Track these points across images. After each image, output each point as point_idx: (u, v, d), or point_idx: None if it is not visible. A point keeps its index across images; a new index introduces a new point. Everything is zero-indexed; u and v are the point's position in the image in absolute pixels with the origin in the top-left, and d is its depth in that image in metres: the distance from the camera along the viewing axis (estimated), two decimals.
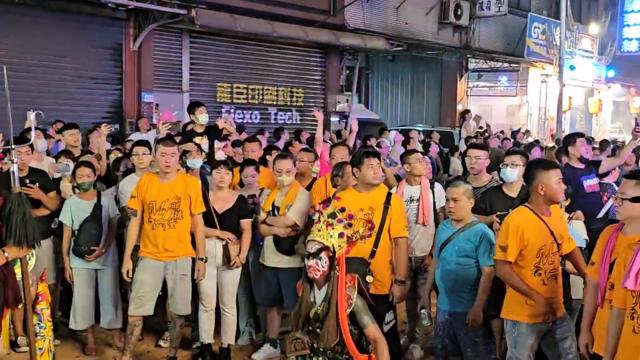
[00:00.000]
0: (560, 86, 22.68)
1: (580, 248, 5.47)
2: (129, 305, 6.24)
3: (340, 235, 4.33)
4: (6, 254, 3.74)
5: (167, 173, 6.10)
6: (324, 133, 13.56)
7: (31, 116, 8.09)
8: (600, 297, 4.23)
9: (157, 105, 15.71)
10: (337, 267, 4.32)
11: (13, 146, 4.12)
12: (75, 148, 8.09)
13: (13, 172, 4.04)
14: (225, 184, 6.57)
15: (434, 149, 13.51)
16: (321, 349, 4.35)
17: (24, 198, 3.84)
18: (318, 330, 4.31)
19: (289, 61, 19.40)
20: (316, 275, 4.29)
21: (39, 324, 4.10)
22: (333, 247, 4.29)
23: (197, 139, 8.12)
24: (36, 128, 8.09)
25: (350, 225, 4.46)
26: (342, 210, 4.42)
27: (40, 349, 4.07)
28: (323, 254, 4.27)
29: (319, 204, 4.62)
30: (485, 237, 5.35)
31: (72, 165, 7.30)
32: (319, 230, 4.33)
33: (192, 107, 8.76)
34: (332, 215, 4.37)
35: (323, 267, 4.27)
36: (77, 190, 6.98)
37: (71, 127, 8.38)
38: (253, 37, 17.65)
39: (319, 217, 4.38)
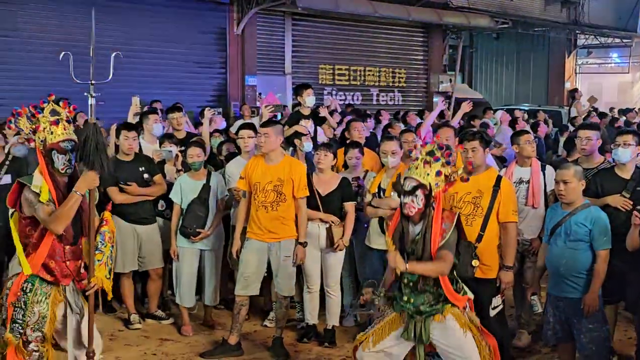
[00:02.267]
0: None
1: None
2: (236, 285, 6.36)
3: (438, 173, 4.43)
4: (78, 193, 4.28)
5: (270, 155, 6.16)
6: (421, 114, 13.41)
7: (136, 101, 8.41)
8: None
9: (259, 93, 15.91)
10: (433, 204, 4.46)
11: (93, 81, 4.49)
12: (179, 131, 8.24)
13: (91, 105, 4.45)
14: (323, 166, 6.57)
15: (543, 129, 13.08)
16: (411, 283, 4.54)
17: (99, 128, 4.36)
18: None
19: (390, 41, 19.25)
20: (411, 212, 4.45)
21: (101, 241, 4.54)
22: (430, 186, 4.42)
23: (303, 122, 8.14)
24: (152, 111, 8.39)
25: (448, 163, 4.52)
26: (441, 147, 4.50)
27: (99, 260, 4.53)
28: (419, 192, 4.42)
29: (420, 144, 4.68)
30: (598, 220, 5.14)
31: (174, 150, 7.47)
32: (416, 168, 4.47)
33: (300, 89, 8.74)
34: (431, 153, 4.47)
35: (418, 204, 4.43)
36: (181, 173, 7.15)
37: (175, 110, 8.52)
38: (354, 18, 17.60)
39: (416, 154, 4.52)
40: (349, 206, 6.56)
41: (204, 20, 15.54)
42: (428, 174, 4.42)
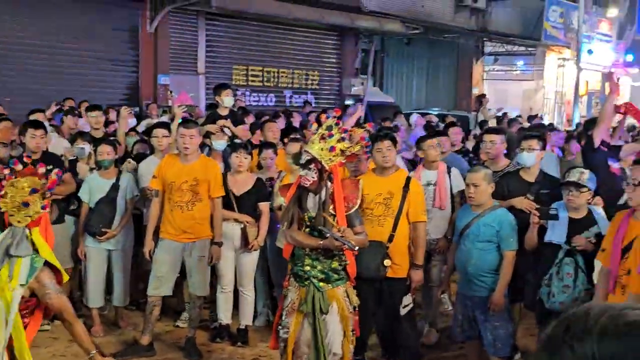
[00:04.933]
0: (577, 70, 22.52)
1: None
2: (148, 286, 6.30)
3: (331, 149, 4.55)
4: None
5: (187, 155, 6.12)
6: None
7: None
8: (612, 283, 4.24)
9: (170, 92, 15.71)
10: (327, 178, 4.61)
11: None
12: (97, 130, 8.12)
13: None
14: (244, 168, 6.60)
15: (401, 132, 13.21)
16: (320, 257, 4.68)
17: None
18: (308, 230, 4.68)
19: (304, 44, 19.37)
20: (306, 183, 4.58)
21: None
22: (322, 160, 4.55)
23: (220, 122, 8.14)
24: (61, 109, 8.24)
25: (343, 139, 4.65)
26: (338, 124, 4.65)
27: None
28: (312, 166, 4.56)
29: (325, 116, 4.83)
30: (506, 222, 5.34)
31: (87, 148, 7.34)
32: (313, 143, 4.60)
33: (219, 88, 8.70)
34: (329, 128, 4.60)
35: (313, 177, 4.56)
36: (94, 171, 7.04)
37: (95, 109, 8.39)
38: (269, 20, 17.62)
39: (317, 127, 4.65)
40: (264, 207, 6.60)
41: (116, 17, 15.27)
42: (322, 149, 4.55)
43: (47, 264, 3.79)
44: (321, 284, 4.69)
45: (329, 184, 4.63)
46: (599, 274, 4.61)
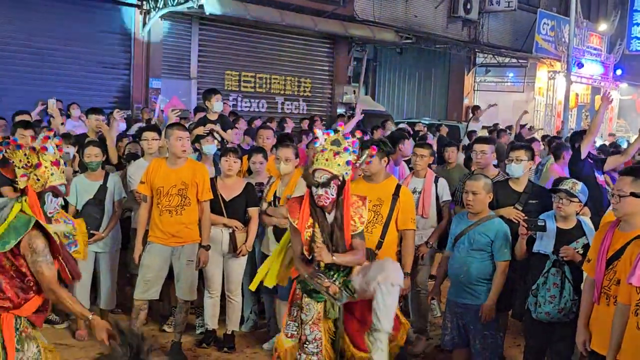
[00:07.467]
0: (567, 83, 22.61)
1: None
2: (135, 289, 6.27)
3: (348, 163, 4.50)
4: (91, 317, 4.03)
5: (179, 158, 6.11)
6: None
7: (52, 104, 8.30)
8: (596, 294, 4.26)
9: (153, 98, 15.66)
10: (343, 193, 4.54)
11: None
12: (96, 133, 8.12)
13: None
14: (233, 172, 6.59)
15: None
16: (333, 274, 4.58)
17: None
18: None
19: (297, 51, 19.39)
20: (326, 203, 4.48)
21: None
22: (343, 176, 4.49)
23: (209, 126, 8.14)
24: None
25: (355, 152, 4.60)
26: (347, 137, 4.56)
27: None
28: (332, 183, 4.46)
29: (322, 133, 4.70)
30: (500, 232, 5.36)
31: (72, 151, 7.31)
32: (327, 160, 4.48)
33: (209, 93, 8.69)
34: (337, 143, 4.52)
35: (332, 195, 4.48)
36: (79, 174, 7.01)
37: (96, 112, 8.35)
38: (262, 26, 17.64)
39: (321, 144, 4.53)
40: (253, 212, 6.58)
41: (109, 20, 15.26)
42: (339, 165, 4.48)
43: (43, 232, 3.79)
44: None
45: (342, 200, 4.57)
46: (584, 283, 4.63)
